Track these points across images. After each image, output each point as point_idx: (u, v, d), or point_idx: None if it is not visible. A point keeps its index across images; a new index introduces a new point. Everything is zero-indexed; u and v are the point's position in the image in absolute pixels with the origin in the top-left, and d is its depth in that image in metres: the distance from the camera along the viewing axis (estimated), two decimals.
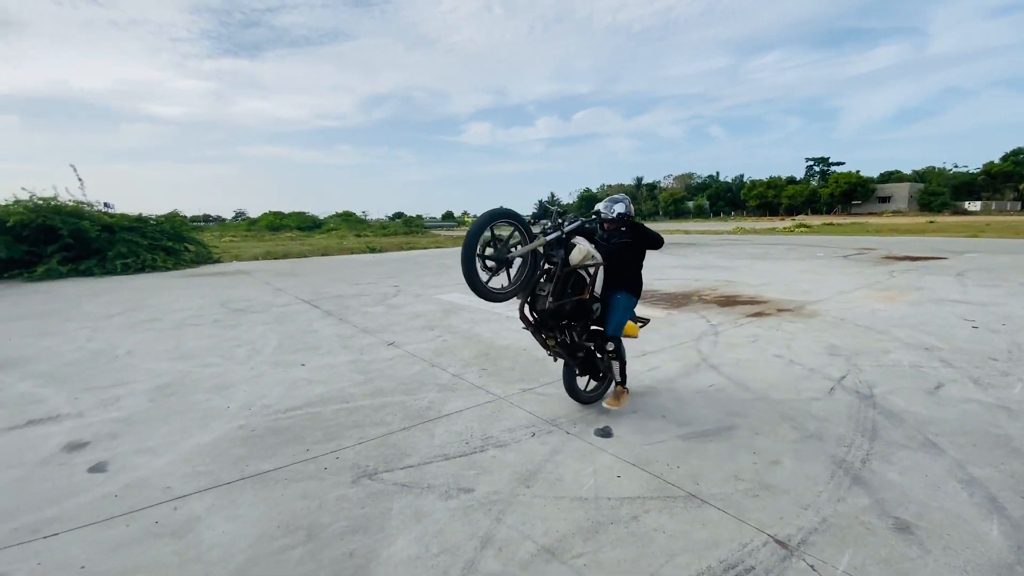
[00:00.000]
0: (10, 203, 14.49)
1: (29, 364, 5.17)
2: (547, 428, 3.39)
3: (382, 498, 2.60)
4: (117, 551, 2.23)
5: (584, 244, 3.38)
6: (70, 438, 3.40)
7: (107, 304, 8.92)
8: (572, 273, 3.35)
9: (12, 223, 13.59)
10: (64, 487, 2.79)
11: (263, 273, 13.73)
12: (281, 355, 5.28)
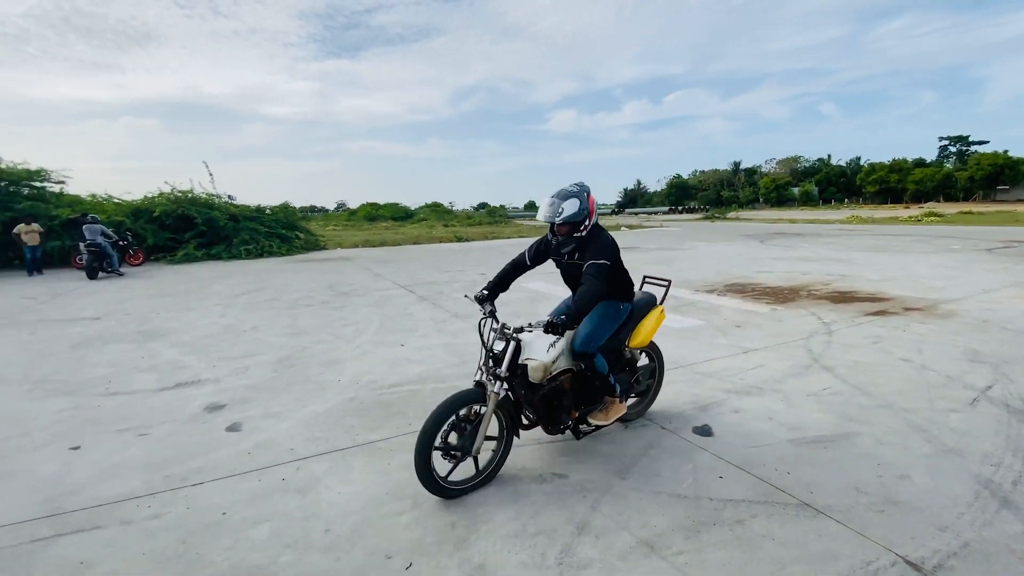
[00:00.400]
0: (155, 196, 16.82)
1: (175, 335, 5.99)
2: (641, 421, 3.31)
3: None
4: (252, 502, 2.53)
5: (538, 354, 2.56)
6: (210, 400, 3.90)
7: (234, 285, 10.08)
8: (552, 386, 2.66)
9: (158, 213, 15.78)
10: (207, 443, 3.21)
11: (363, 260, 14.73)
12: (383, 335, 5.65)
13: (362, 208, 55.48)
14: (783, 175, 75.82)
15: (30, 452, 3.11)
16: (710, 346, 4.96)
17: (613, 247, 2.70)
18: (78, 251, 13.53)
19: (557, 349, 2.63)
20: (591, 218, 2.69)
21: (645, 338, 3.09)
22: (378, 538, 2.22)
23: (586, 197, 2.65)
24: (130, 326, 6.52)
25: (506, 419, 2.64)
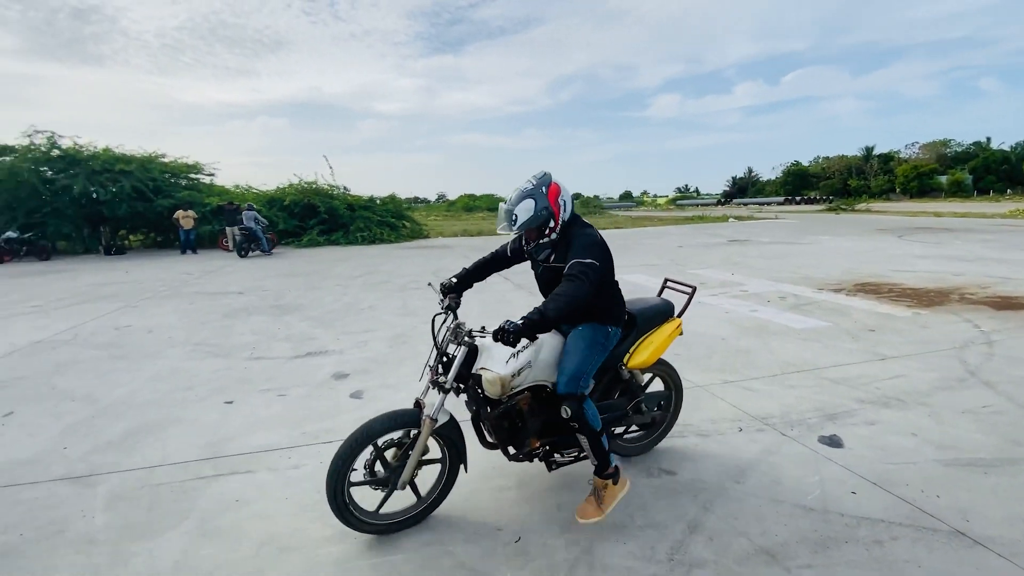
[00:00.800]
0: (286, 187, 18.78)
1: (304, 310, 6.68)
2: (757, 425, 3.10)
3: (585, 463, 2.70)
4: None
5: (495, 365, 2.07)
6: (336, 369, 4.31)
7: (351, 268, 11.01)
8: (510, 405, 2.15)
9: (287, 202, 17.63)
10: (334, 406, 3.55)
11: (462, 248, 15.32)
12: (483, 319, 5.82)
13: (460, 199, 57.61)
14: (927, 161, 65.26)
15: (194, 403, 3.67)
16: (838, 350, 4.49)
17: (601, 247, 2.12)
18: (224, 234, 15.63)
19: (520, 361, 2.09)
20: (558, 213, 2.13)
21: (651, 356, 2.46)
22: (487, 510, 2.33)
23: (543, 193, 2.11)
24: (268, 300, 7.41)
25: (447, 445, 2.23)
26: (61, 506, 2.44)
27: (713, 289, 7.47)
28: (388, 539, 2.14)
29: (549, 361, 2.21)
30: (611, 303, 2.29)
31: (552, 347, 2.23)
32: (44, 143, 15.47)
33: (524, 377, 2.13)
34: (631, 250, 13.20)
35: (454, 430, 2.22)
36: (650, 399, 2.66)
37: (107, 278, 10.17)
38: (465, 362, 2.10)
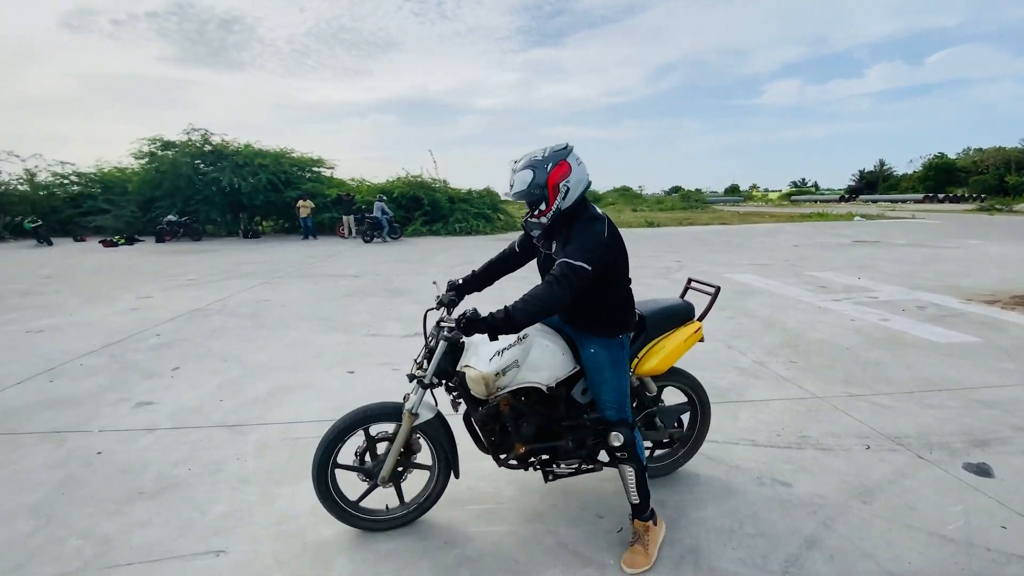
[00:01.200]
0: (394, 180, 20.05)
1: (411, 294, 7.15)
2: (888, 445, 2.81)
3: (688, 463, 2.64)
4: None
5: (479, 362, 1.92)
6: None
7: (450, 256, 11.54)
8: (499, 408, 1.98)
9: (396, 194, 18.82)
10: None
11: None
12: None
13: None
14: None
15: (322, 371, 4.10)
16: (991, 370, 3.90)
17: (604, 248, 1.83)
18: (341, 222, 17.11)
19: (505, 359, 1.92)
20: (552, 198, 1.84)
21: (662, 363, 2.18)
22: (589, 497, 2.37)
23: (546, 169, 1.83)
24: (380, 284, 8.03)
25: (434, 446, 2.12)
26: (219, 448, 2.88)
27: (836, 294, 6.80)
28: (496, 511, 2.27)
29: (539, 362, 2.00)
30: (620, 309, 2.00)
31: (543, 347, 2.03)
32: (198, 140, 17.96)
33: (511, 377, 1.96)
34: (739, 248, 12.39)
35: (440, 430, 2.10)
36: (666, 413, 2.38)
37: (246, 258, 11.63)
38: (451, 358, 1.99)
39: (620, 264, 1.95)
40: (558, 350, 2.06)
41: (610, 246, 1.86)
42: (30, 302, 6.87)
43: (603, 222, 1.87)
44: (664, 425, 2.38)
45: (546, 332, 2.09)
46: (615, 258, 1.92)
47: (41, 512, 2.30)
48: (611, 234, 1.86)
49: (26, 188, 19.27)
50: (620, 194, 51.20)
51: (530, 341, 2.00)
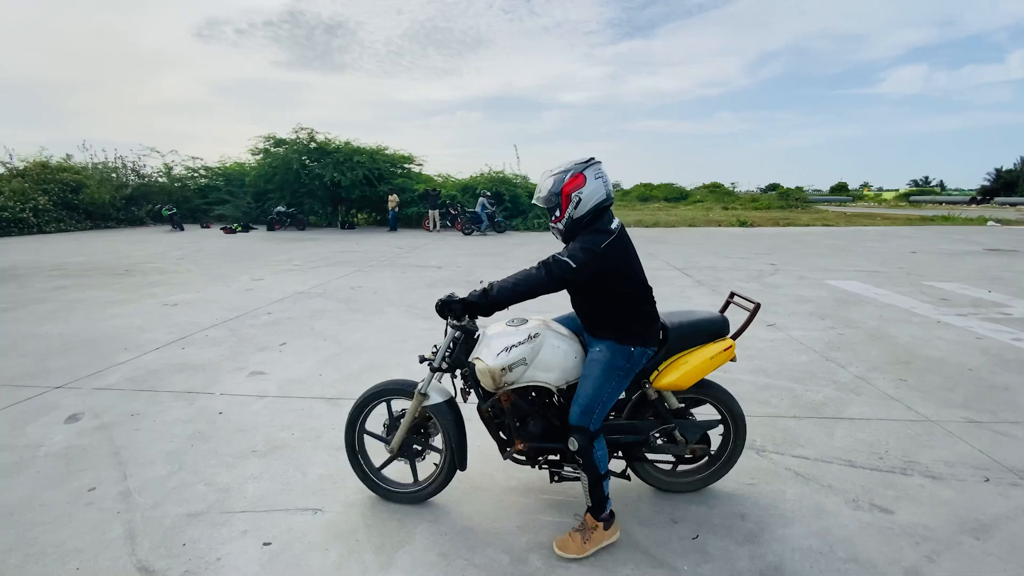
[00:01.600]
0: (478, 176, 20.56)
1: None
2: (1011, 478, 2.48)
3: (773, 478, 2.50)
4: None
5: (486, 355, 1.99)
6: None
7: (529, 251, 11.67)
8: (515, 399, 2.06)
9: (479, 190, 19.30)
10: None
11: (636, 239, 14.77)
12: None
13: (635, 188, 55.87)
14: None
15: (408, 354, 4.35)
16: None
17: (596, 256, 1.86)
18: (427, 216, 17.89)
19: (512, 356, 1.96)
20: (565, 205, 1.93)
21: (684, 378, 2.08)
22: (662, 500, 2.33)
23: (563, 179, 1.93)
24: (461, 275, 8.33)
25: (444, 432, 2.17)
26: (319, 418, 3.18)
27: (960, 308, 6.02)
28: (567, 504, 2.30)
29: (550, 362, 2.02)
30: (634, 321, 2.00)
31: (554, 348, 2.04)
32: (305, 137, 19.58)
33: (518, 374, 2.00)
34: (845, 253, 11.33)
35: (448, 416, 2.16)
36: (689, 428, 2.24)
37: (343, 247, 12.55)
38: (466, 348, 2.08)
39: (623, 278, 1.97)
40: (571, 353, 2.07)
41: (605, 256, 1.88)
42: (167, 279, 7.94)
43: (608, 235, 1.92)
44: (686, 440, 2.25)
45: (560, 335, 2.10)
46: (615, 269, 1.94)
47: (175, 459, 2.68)
48: (612, 247, 1.90)
49: (164, 180, 22.21)
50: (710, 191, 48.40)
51: (541, 341, 2.02)
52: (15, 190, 16.94)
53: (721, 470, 2.36)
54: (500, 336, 2.01)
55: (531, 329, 2.03)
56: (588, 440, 1.94)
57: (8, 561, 1.94)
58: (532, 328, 2.03)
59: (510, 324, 2.09)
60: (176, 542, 2.05)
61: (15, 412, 3.23)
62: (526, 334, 2.00)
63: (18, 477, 2.51)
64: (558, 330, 2.12)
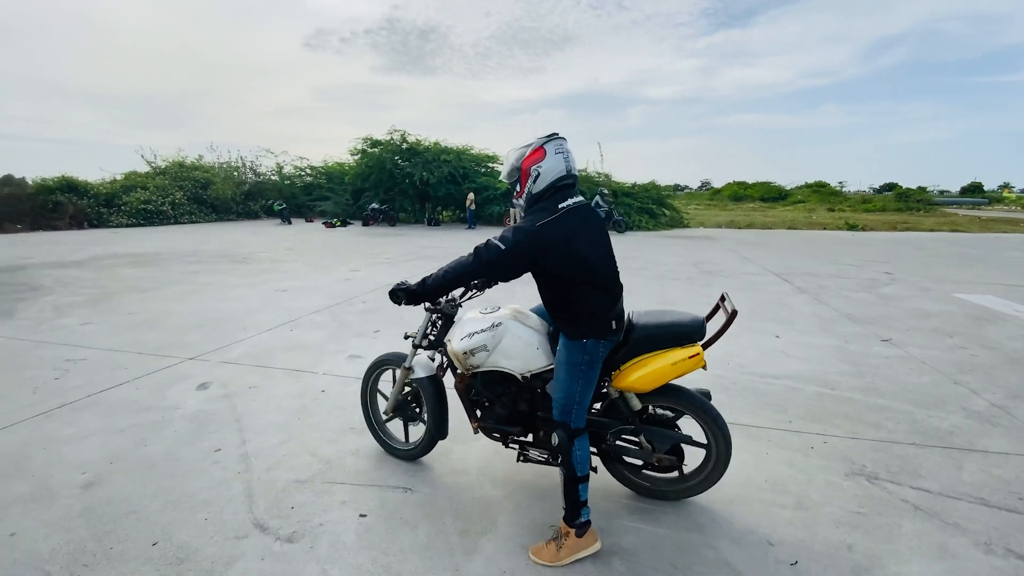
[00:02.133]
0: None
1: None
2: None
3: (887, 509, 2.26)
4: None
5: (454, 338, 2.23)
6: None
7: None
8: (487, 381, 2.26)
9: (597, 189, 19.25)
10: None
11: (728, 241, 14.13)
12: (752, 321, 5.34)
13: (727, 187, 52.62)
14: None
15: None
16: None
17: (526, 236, 1.79)
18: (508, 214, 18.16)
19: (474, 342, 2.13)
20: (524, 179, 1.88)
21: (643, 381, 2.00)
22: (756, 519, 2.19)
23: (523, 154, 1.88)
24: None
25: (427, 403, 2.44)
26: None
27: None
28: (651, 511, 2.24)
29: (511, 351, 2.12)
30: (586, 312, 1.89)
31: (516, 338, 2.12)
32: (397, 139, 20.66)
33: (481, 359, 2.15)
34: (978, 262, 9.92)
35: (430, 389, 2.40)
36: (658, 436, 2.16)
37: (428, 243, 13.11)
38: (445, 330, 2.32)
39: (564, 260, 1.83)
40: (533, 343, 2.13)
41: (540, 234, 1.79)
42: (277, 267, 8.78)
43: (551, 214, 1.82)
44: (653, 447, 2.16)
45: (524, 325, 2.17)
46: (551, 251, 1.81)
47: (284, 430, 2.97)
48: (551, 225, 1.80)
49: (276, 178, 24.52)
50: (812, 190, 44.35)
51: (503, 330, 2.13)
52: (158, 186, 19.59)
53: (706, 483, 2.22)
54: (469, 322, 2.20)
55: (496, 318, 2.15)
56: (569, 436, 1.94)
57: (151, 506, 2.26)
58: (497, 317, 2.15)
59: (482, 312, 2.24)
60: (286, 504, 2.27)
61: (158, 377, 3.74)
62: (489, 323, 2.14)
63: (160, 433, 2.92)
64: (524, 320, 2.18)
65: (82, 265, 8.95)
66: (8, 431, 2.93)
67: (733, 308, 2.01)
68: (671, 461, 2.18)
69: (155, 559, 1.94)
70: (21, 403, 3.30)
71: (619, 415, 2.17)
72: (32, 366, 3.96)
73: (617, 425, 2.16)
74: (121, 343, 4.52)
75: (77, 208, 17.52)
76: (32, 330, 4.92)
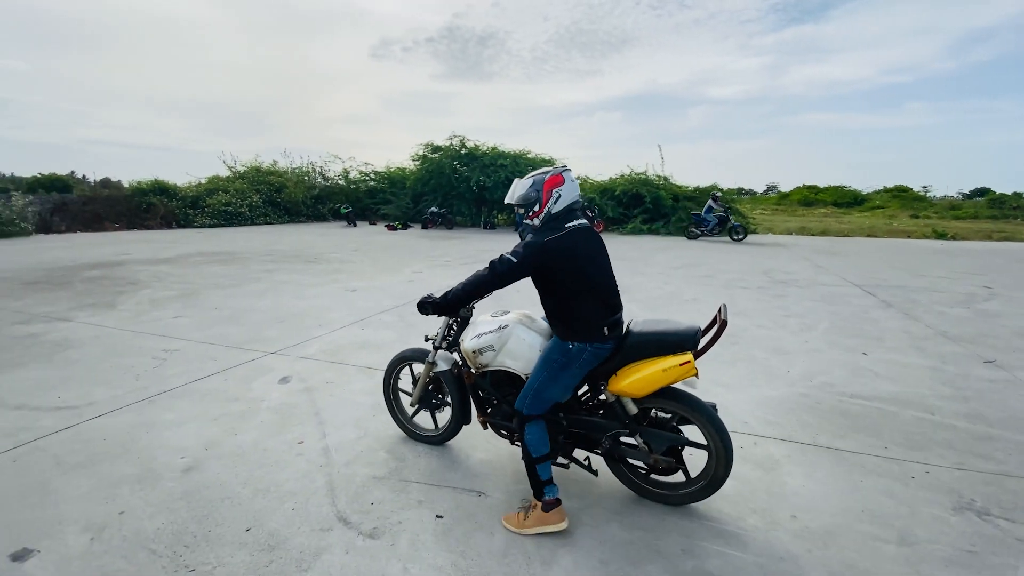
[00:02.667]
0: (617, 177, 20.15)
1: (630, 293, 7.13)
2: None
3: (1001, 548, 2.04)
4: None
5: (466, 337, 2.45)
6: None
7: (672, 258, 11.10)
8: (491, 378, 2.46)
9: (617, 192, 18.90)
10: None
11: (799, 248, 13.34)
12: (835, 336, 5.00)
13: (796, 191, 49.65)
14: None
15: None
16: None
17: (536, 250, 2.04)
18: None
19: (482, 341, 2.32)
20: (545, 201, 2.12)
21: (634, 386, 2.10)
22: (855, 553, 2.03)
23: (543, 179, 2.13)
24: None
25: (450, 393, 2.68)
26: None
27: None
28: (737, 536, 2.13)
29: (515, 352, 2.28)
30: (571, 316, 2.10)
31: (520, 340, 2.28)
32: (457, 144, 21.07)
33: (489, 359, 2.32)
34: None
35: (452, 382, 2.63)
36: (654, 437, 2.23)
37: (486, 246, 13.26)
38: (461, 330, 2.54)
39: (568, 273, 2.06)
40: (535, 346, 2.27)
41: (548, 250, 2.03)
42: (346, 268, 9.17)
43: (558, 232, 2.06)
44: (650, 448, 2.23)
45: (528, 329, 2.32)
46: (558, 265, 2.05)
47: (360, 426, 3.07)
48: (559, 241, 2.04)
49: (343, 183, 25.67)
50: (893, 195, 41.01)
51: (509, 332, 2.29)
52: (237, 189, 21.01)
53: (708, 489, 2.22)
54: (479, 324, 2.40)
55: (503, 321, 2.33)
56: (520, 423, 2.17)
57: (243, 492, 2.40)
58: (504, 320, 2.33)
59: (492, 315, 2.43)
60: (366, 500, 2.34)
61: (244, 370, 3.99)
62: (497, 325, 2.31)
63: (248, 423, 3.10)
64: (530, 325, 2.34)
65: (172, 262, 9.74)
66: (116, 415, 3.21)
67: (724, 319, 2.07)
68: (668, 463, 2.24)
69: (249, 544, 2.05)
70: (126, 388, 3.61)
71: (615, 418, 2.27)
72: (133, 354, 4.34)
73: (613, 428, 2.26)
74: (209, 336, 4.86)
75: (167, 209, 19.14)
76: (132, 321, 5.40)
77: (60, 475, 2.53)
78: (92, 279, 7.81)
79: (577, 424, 2.33)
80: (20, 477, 2.52)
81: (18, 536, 2.09)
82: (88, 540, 2.07)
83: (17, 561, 1.95)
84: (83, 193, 19.74)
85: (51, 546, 2.04)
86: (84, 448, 2.79)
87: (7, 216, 14.75)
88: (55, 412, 3.23)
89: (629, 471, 2.36)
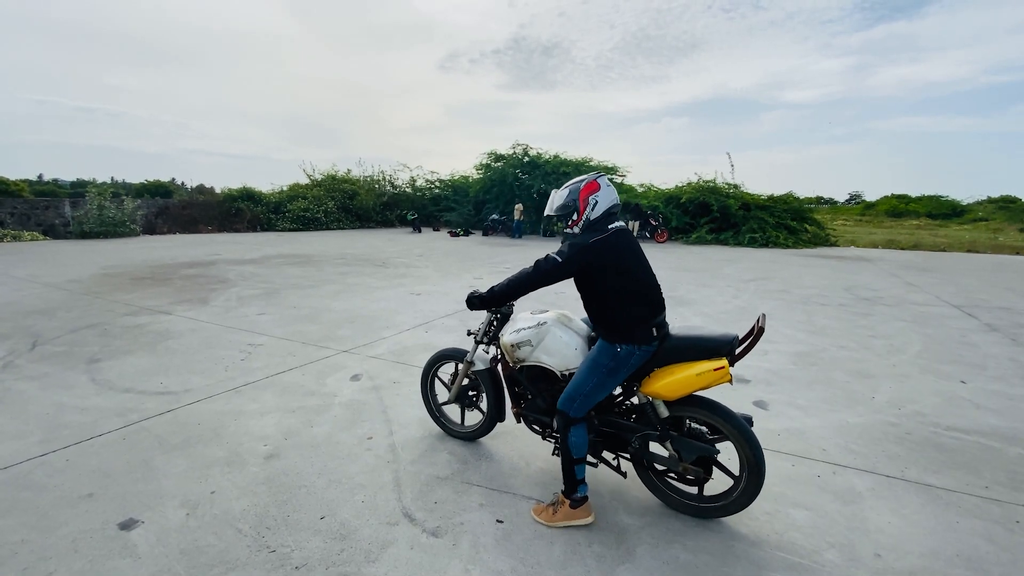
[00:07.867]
0: (683, 185, 19.52)
1: (696, 305, 6.89)
2: None
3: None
4: (788, 482, 2.61)
5: (505, 331, 2.54)
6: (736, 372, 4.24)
7: (742, 270, 10.59)
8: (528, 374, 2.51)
9: (684, 200, 18.31)
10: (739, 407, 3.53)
11: (887, 263, 12.30)
12: (928, 362, 4.57)
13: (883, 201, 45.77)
14: None
15: None
16: None
17: (581, 250, 2.09)
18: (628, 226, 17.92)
19: (519, 336, 2.42)
20: (583, 208, 2.18)
21: (668, 389, 2.11)
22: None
23: (579, 187, 2.19)
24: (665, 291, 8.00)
25: (486, 391, 2.79)
26: None
27: None
28: (810, 569, 2.01)
29: (552, 348, 2.34)
30: (617, 317, 2.12)
31: (557, 338, 2.34)
32: (519, 152, 21.32)
33: (526, 353, 2.41)
34: None
35: (488, 380, 2.76)
36: (684, 445, 2.20)
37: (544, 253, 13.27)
38: (501, 327, 2.62)
39: (612, 274, 2.09)
40: (572, 344, 2.33)
41: (592, 251, 2.08)
42: (412, 272, 9.52)
43: (602, 234, 2.11)
44: (679, 455, 2.22)
45: (565, 327, 2.39)
46: (602, 265, 2.08)
47: (424, 426, 3.18)
48: (602, 243, 2.09)
49: (410, 190, 26.70)
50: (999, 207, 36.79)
51: (546, 329, 2.38)
52: (315, 196, 22.41)
53: (741, 502, 2.18)
54: (519, 320, 2.50)
55: (542, 319, 2.41)
56: (564, 424, 2.18)
57: (318, 482, 2.56)
58: (543, 318, 2.41)
59: (531, 312, 2.53)
60: (430, 498, 2.43)
61: (319, 366, 4.25)
62: (536, 322, 2.41)
63: (323, 416, 3.30)
64: (568, 324, 2.41)
65: (257, 263, 10.55)
66: (208, 402, 3.52)
67: (762, 327, 2.07)
68: (697, 472, 2.23)
69: (323, 531, 2.19)
70: (216, 378, 3.96)
71: (647, 421, 2.27)
72: (223, 347, 4.74)
73: (643, 430, 2.26)
74: (288, 333, 5.22)
75: (253, 214, 20.77)
76: (222, 316, 5.90)
77: (162, 454, 2.82)
78: (189, 276, 8.62)
79: (608, 424, 2.37)
80: (128, 453, 2.83)
81: (126, 507, 2.35)
82: (184, 515, 2.29)
83: (124, 530, 2.20)
84: (182, 198, 21.93)
85: (153, 518, 2.27)
86: (181, 431, 3.09)
87: (119, 218, 16.60)
88: (158, 396, 3.60)
89: (657, 478, 2.36)
